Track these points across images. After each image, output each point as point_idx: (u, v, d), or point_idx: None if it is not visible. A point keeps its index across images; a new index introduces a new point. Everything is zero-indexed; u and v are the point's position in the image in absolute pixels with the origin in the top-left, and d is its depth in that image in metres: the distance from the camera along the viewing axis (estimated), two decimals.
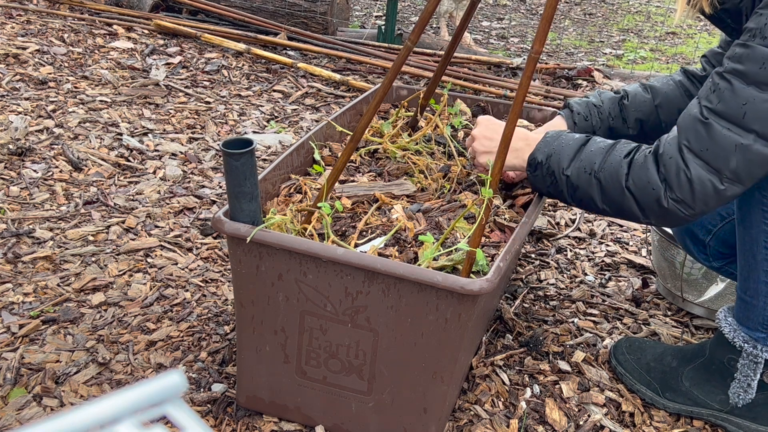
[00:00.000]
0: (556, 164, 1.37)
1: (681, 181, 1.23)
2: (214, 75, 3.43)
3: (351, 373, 1.33)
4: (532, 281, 2.00)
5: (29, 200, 2.17)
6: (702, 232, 1.61)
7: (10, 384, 1.47)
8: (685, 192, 1.23)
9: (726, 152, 1.19)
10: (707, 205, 1.24)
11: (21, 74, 3.08)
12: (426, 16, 1.38)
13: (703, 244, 1.61)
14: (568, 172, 1.35)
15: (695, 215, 1.26)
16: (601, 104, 1.64)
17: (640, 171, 1.27)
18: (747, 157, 1.19)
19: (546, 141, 1.41)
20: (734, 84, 1.18)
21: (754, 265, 1.37)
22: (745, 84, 1.17)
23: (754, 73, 1.16)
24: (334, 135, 1.80)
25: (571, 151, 1.36)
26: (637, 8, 6.51)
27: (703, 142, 1.21)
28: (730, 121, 1.19)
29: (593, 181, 1.32)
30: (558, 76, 3.91)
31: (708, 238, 1.60)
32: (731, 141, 1.19)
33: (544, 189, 1.42)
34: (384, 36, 4.06)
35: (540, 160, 1.39)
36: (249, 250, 1.27)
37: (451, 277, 1.16)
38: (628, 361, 1.62)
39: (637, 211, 1.30)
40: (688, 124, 1.24)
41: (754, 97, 1.16)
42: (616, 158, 1.31)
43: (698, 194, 1.23)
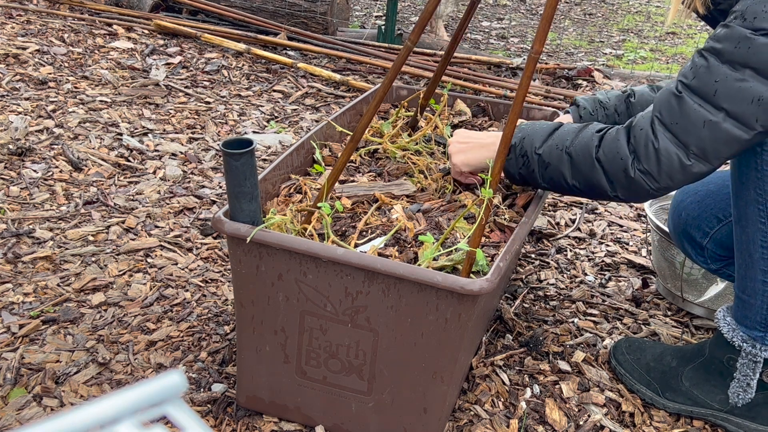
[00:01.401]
0: (529, 144, 1.39)
1: (648, 151, 1.25)
2: (214, 75, 3.43)
3: (351, 373, 1.33)
4: (532, 281, 2.00)
5: (29, 200, 2.17)
6: (699, 235, 1.61)
7: (10, 384, 1.47)
8: (651, 163, 1.25)
9: (695, 127, 1.21)
10: (672, 180, 1.26)
11: (21, 74, 3.08)
12: (426, 16, 1.38)
13: (701, 246, 1.61)
14: (540, 150, 1.37)
15: (660, 189, 1.28)
16: (608, 101, 1.65)
17: (611, 143, 1.29)
18: (714, 134, 1.20)
19: (520, 128, 1.43)
20: (710, 61, 1.20)
21: (751, 264, 1.37)
22: (719, 62, 1.19)
23: (729, 52, 1.18)
24: (334, 135, 1.80)
25: (544, 132, 1.39)
26: (637, 8, 6.51)
27: (674, 116, 1.23)
28: (701, 97, 1.21)
29: (564, 157, 1.35)
30: (558, 76, 3.91)
31: (705, 241, 1.60)
32: (701, 116, 1.20)
33: (516, 172, 1.43)
34: (384, 36, 4.06)
35: (513, 143, 1.41)
36: (249, 250, 1.27)
37: (451, 277, 1.16)
38: (628, 361, 1.62)
39: (605, 183, 1.31)
40: (663, 97, 1.26)
41: (727, 75, 1.18)
42: (587, 133, 1.34)
43: (664, 166, 1.24)
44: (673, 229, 1.69)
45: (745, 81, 1.17)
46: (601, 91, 1.71)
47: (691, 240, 1.63)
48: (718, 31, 1.20)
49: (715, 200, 1.57)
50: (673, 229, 1.69)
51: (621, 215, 2.44)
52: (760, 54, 1.15)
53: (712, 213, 1.57)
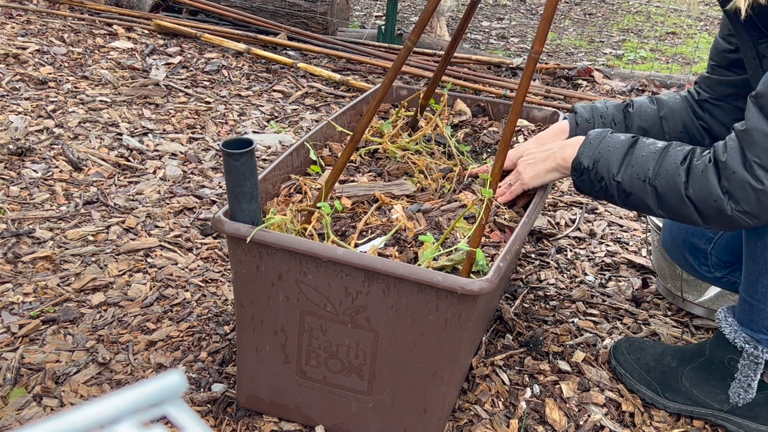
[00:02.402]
0: (605, 170, 1.34)
1: (747, 194, 1.21)
2: (214, 75, 3.43)
3: (351, 373, 1.33)
4: (532, 281, 2.00)
5: (29, 200, 2.17)
6: (703, 242, 1.59)
7: (10, 384, 1.47)
8: (751, 205, 1.22)
9: None
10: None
11: (21, 74, 3.08)
12: (426, 16, 1.38)
13: (705, 254, 1.60)
14: (619, 178, 1.32)
15: (759, 224, 1.26)
16: (606, 110, 1.64)
17: (700, 181, 1.25)
18: None
19: (590, 143, 1.37)
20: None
21: (764, 270, 1.36)
22: None
23: None
24: (334, 135, 1.80)
25: (619, 155, 1.33)
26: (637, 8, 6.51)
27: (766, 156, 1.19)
28: None
29: (648, 188, 1.30)
30: (558, 76, 3.91)
31: (710, 247, 1.59)
32: None
33: (592, 193, 1.39)
34: (384, 36, 4.06)
35: (586, 165, 1.36)
36: (249, 250, 1.27)
37: (451, 277, 1.16)
38: (628, 361, 1.62)
39: (697, 218, 1.28)
40: (758, 140, 1.21)
41: None
42: (671, 165, 1.28)
43: (766, 207, 1.21)
44: (671, 242, 1.68)
45: None
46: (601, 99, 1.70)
47: (694, 249, 1.62)
48: None
49: None
50: (671, 241, 1.68)
51: (621, 215, 2.44)
52: None
53: None
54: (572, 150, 1.40)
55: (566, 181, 2.66)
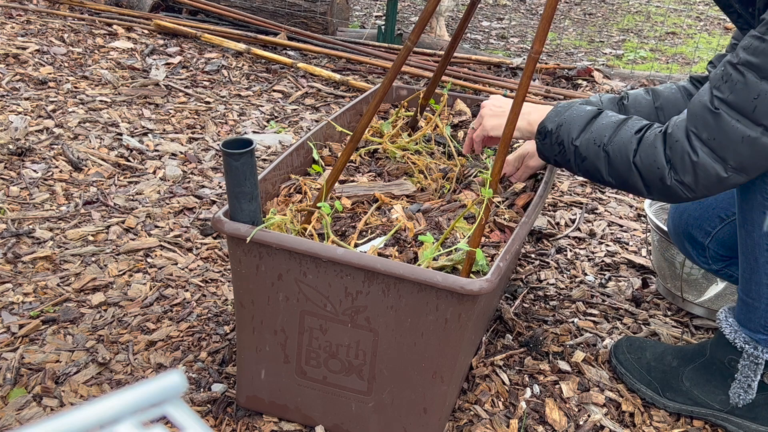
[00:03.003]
0: (566, 134, 1.37)
1: (686, 165, 1.24)
2: (214, 75, 3.43)
3: (351, 373, 1.33)
4: (532, 281, 2.00)
5: (29, 200, 2.17)
6: (701, 235, 1.60)
7: (10, 384, 1.47)
8: (688, 176, 1.24)
9: (733, 143, 1.20)
10: (709, 191, 1.26)
11: (21, 74, 3.08)
12: (426, 16, 1.38)
13: (702, 246, 1.61)
14: (577, 142, 1.36)
15: (696, 197, 1.28)
16: (601, 104, 1.64)
17: (648, 149, 1.28)
18: (754, 149, 1.19)
19: (557, 110, 1.41)
20: (747, 77, 1.18)
21: (756, 267, 1.36)
22: (758, 78, 1.17)
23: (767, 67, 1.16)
24: (334, 135, 1.80)
25: (582, 122, 1.37)
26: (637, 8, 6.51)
27: (711, 131, 1.21)
28: (739, 113, 1.19)
29: (601, 154, 1.33)
30: (558, 76, 3.91)
31: (707, 241, 1.60)
32: (739, 133, 1.19)
33: (551, 157, 1.42)
34: (384, 36, 4.06)
35: (550, 129, 1.40)
36: (249, 250, 1.27)
37: (451, 277, 1.16)
38: (629, 360, 1.62)
39: (641, 187, 1.31)
40: (697, 110, 1.24)
41: (767, 91, 1.16)
42: (626, 133, 1.32)
43: (701, 179, 1.24)
44: (673, 230, 1.69)
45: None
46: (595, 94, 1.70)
47: (693, 240, 1.62)
48: (754, 43, 1.18)
49: (716, 199, 1.57)
50: (673, 230, 1.69)
51: (621, 215, 2.44)
52: None
53: (714, 212, 1.57)
54: (539, 115, 1.44)
55: (566, 181, 2.66)
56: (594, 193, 2.60)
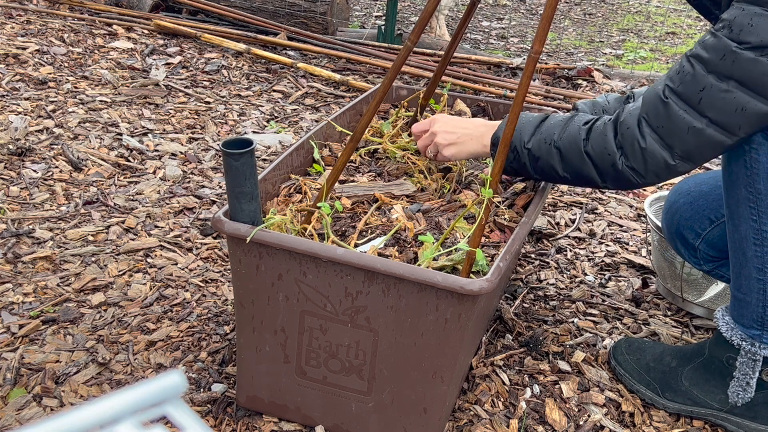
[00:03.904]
0: (518, 140, 1.41)
1: (635, 150, 1.28)
2: (214, 75, 3.43)
3: (351, 373, 1.33)
4: (532, 281, 2.00)
5: (29, 200, 2.17)
6: (691, 236, 1.61)
7: (10, 384, 1.47)
8: (638, 161, 1.29)
9: (680, 132, 1.25)
10: (658, 177, 1.30)
11: (21, 74, 3.08)
12: (426, 16, 1.38)
13: (693, 247, 1.62)
14: (529, 145, 1.39)
15: (647, 183, 1.32)
16: (607, 104, 1.67)
17: (598, 137, 1.33)
18: (699, 139, 1.24)
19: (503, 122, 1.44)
20: (696, 69, 1.23)
21: (744, 261, 1.37)
22: (705, 71, 1.22)
23: (715, 63, 1.20)
24: (334, 135, 1.80)
25: (531, 126, 1.41)
26: (637, 8, 6.51)
27: (660, 119, 1.26)
28: (687, 103, 1.24)
29: (553, 151, 1.37)
30: (558, 76, 3.91)
31: (697, 242, 1.60)
32: (686, 122, 1.24)
33: (507, 165, 1.45)
34: (384, 36, 4.06)
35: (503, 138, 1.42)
36: (249, 250, 1.27)
37: (451, 277, 1.16)
38: (628, 361, 1.62)
39: (595, 176, 1.35)
40: (650, 99, 1.29)
41: (712, 85, 1.21)
42: (574, 127, 1.36)
43: (650, 166, 1.28)
44: (666, 230, 1.69)
45: (729, 92, 1.20)
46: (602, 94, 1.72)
47: (684, 241, 1.63)
48: (707, 38, 1.23)
49: (708, 201, 1.58)
50: (666, 229, 1.69)
51: (621, 215, 2.44)
52: (744, 68, 1.18)
53: (705, 214, 1.58)
54: (491, 130, 1.47)
55: None
56: (594, 193, 2.60)
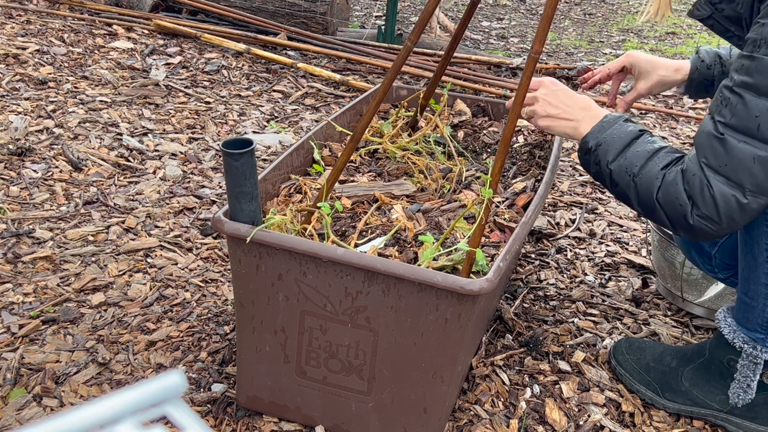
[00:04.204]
0: (603, 155, 1.36)
1: (705, 197, 1.22)
2: (214, 75, 3.43)
3: (351, 373, 1.33)
4: (532, 281, 2.00)
5: (29, 200, 2.17)
6: (708, 245, 1.60)
7: (10, 384, 1.47)
8: (710, 208, 1.22)
9: (745, 165, 1.18)
10: (733, 220, 1.23)
11: (21, 74, 3.08)
12: (426, 16, 1.38)
13: (709, 256, 1.61)
14: (612, 166, 1.35)
15: (722, 231, 1.25)
16: (729, 58, 1.63)
17: (669, 186, 1.26)
18: (766, 167, 1.18)
19: (601, 126, 1.39)
20: (745, 97, 1.18)
21: (754, 266, 1.37)
22: (756, 96, 1.16)
23: (765, 85, 1.16)
24: (334, 135, 1.80)
25: (619, 145, 1.35)
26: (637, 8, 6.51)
27: (720, 158, 1.20)
28: (745, 134, 1.18)
29: (631, 184, 1.32)
30: (558, 76, 3.91)
31: (714, 250, 1.59)
32: (749, 154, 1.18)
33: (590, 172, 1.42)
34: (384, 36, 4.06)
35: (590, 146, 1.39)
36: (249, 250, 1.27)
37: (451, 277, 1.16)
38: (628, 361, 1.62)
39: (667, 223, 1.29)
40: (704, 141, 1.23)
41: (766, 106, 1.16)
42: (654, 168, 1.30)
43: (722, 210, 1.21)
44: (681, 240, 1.69)
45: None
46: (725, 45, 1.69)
47: (700, 249, 1.62)
48: (744, 63, 1.18)
49: None
50: (681, 239, 1.68)
51: (621, 215, 2.44)
52: None
53: None
54: (587, 126, 1.41)
55: (566, 181, 2.66)
56: (594, 193, 2.60)
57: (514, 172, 1.77)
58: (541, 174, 1.71)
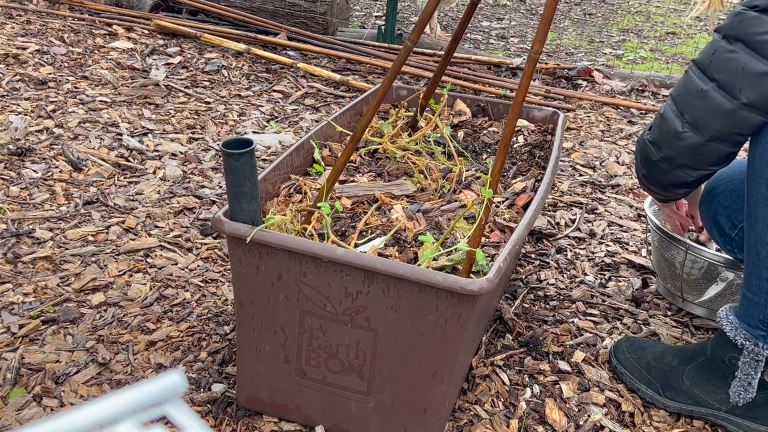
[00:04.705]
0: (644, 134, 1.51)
1: (656, 120, 1.36)
2: (214, 75, 3.43)
3: (351, 373, 1.33)
4: (532, 281, 2.00)
5: (29, 200, 2.17)
6: (728, 226, 1.61)
7: (10, 384, 1.47)
8: (656, 131, 1.36)
9: (690, 96, 1.31)
10: (671, 148, 1.35)
11: (21, 74, 3.08)
12: (426, 16, 1.38)
13: (729, 237, 1.62)
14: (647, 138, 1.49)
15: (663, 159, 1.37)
16: None
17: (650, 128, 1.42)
18: (704, 102, 1.28)
19: None
20: (714, 38, 1.30)
21: (757, 261, 1.37)
22: (720, 37, 1.28)
23: (727, 27, 1.27)
24: (334, 135, 1.80)
25: None
26: (637, 8, 6.51)
27: (678, 87, 1.34)
28: (699, 68, 1.30)
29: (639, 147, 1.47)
30: (558, 76, 3.91)
31: (734, 233, 1.60)
32: (695, 86, 1.30)
33: None
34: (384, 36, 4.06)
35: None
36: (249, 250, 1.27)
37: (451, 277, 1.16)
38: (629, 360, 1.62)
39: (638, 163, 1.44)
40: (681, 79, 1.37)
41: (722, 47, 1.26)
42: None
43: (664, 134, 1.35)
44: (704, 215, 1.69)
45: (734, 52, 1.25)
46: None
47: (720, 228, 1.62)
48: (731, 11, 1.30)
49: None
50: (703, 214, 1.68)
51: (621, 215, 2.44)
52: (749, 26, 1.22)
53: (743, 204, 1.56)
54: None
55: (566, 181, 2.66)
56: (594, 193, 2.60)
57: (514, 172, 1.77)
58: (541, 174, 1.71)
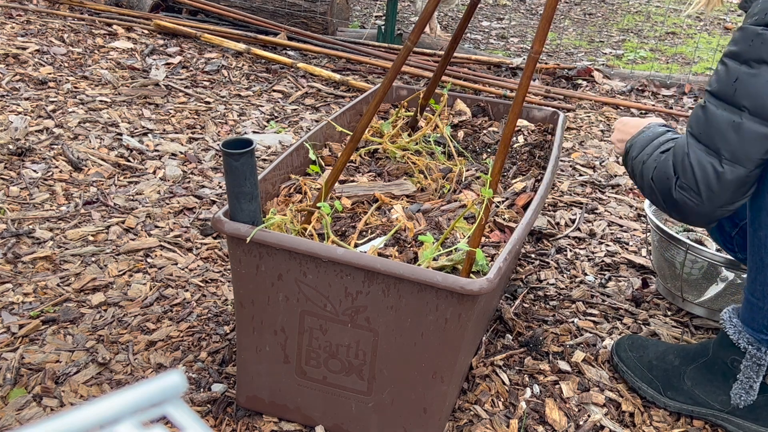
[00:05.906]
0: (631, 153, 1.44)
1: (685, 165, 1.25)
2: (214, 75, 3.43)
3: (351, 373, 1.33)
4: (532, 281, 2.00)
5: (29, 200, 2.17)
6: (729, 225, 1.61)
7: (10, 384, 1.47)
8: (688, 177, 1.24)
9: (721, 132, 1.21)
10: (712, 191, 1.24)
11: (21, 74, 3.08)
12: (426, 16, 1.38)
13: (729, 236, 1.62)
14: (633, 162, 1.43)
15: (704, 205, 1.26)
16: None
17: (661, 164, 1.31)
18: (740, 134, 1.20)
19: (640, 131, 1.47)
20: (729, 65, 1.22)
21: (761, 267, 1.36)
22: (738, 63, 1.20)
23: (745, 51, 1.19)
24: (334, 135, 1.80)
25: (643, 143, 1.42)
26: (637, 8, 6.51)
27: (701, 125, 1.24)
28: (723, 100, 1.21)
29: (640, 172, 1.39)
30: (558, 76, 3.91)
31: (734, 232, 1.60)
32: (725, 120, 1.21)
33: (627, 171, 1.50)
34: (384, 36, 4.06)
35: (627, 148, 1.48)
36: (249, 250, 1.27)
37: (451, 277, 1.16)
38: (630, 358, 1.62)
39: (662, 203, 1.34)
40: (693, 111, 1.28)
41: (744, 73, 1.19)
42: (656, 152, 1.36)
43: (700, 178, 1.24)
44: None
45: (759, 75, 1.17)
46: None
47: (720, 228, 1.62)
48: (735, 35, 1.22)
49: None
50: None
51: (621, 215, 2.44)
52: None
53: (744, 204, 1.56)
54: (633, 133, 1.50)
55: (566, 181, 2.66)
56: (594, 193, 2.60)
57: (514, 172, 1.77)
58: (541, 174, 1.71)
